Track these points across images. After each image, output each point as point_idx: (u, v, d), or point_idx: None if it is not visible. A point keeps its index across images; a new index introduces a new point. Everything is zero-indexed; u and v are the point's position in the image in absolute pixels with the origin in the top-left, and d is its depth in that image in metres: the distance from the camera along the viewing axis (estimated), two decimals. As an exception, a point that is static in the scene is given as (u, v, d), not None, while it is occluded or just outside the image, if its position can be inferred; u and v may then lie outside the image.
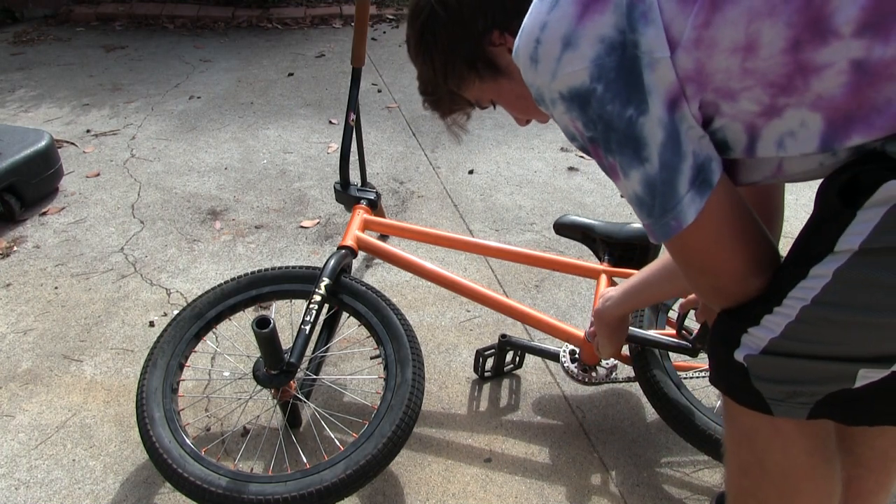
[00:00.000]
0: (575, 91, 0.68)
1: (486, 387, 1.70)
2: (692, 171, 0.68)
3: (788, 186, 2.95)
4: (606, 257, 1.60)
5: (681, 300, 1.34)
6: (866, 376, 0.69)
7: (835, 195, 0.65)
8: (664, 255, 1.16)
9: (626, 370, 1.56)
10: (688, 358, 1.58)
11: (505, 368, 1.72)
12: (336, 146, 2.94)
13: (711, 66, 0.64)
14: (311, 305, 1.42)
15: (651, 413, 1.61)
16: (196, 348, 1.50)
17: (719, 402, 1.63)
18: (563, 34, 0.67)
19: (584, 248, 1.68)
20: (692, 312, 1.31)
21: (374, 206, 1.82)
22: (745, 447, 0.83)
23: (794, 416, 0.75)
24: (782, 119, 0.65)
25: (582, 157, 2.90)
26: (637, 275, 1.20)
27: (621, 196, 2.58)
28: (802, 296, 0.68)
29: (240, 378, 1.69)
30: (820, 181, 0.70)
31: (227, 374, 1.72)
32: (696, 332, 1.30)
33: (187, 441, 1.30)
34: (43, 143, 2.43)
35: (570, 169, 2.80)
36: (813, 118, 0.63)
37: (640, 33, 0.64)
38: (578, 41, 0.66)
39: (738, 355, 0.75)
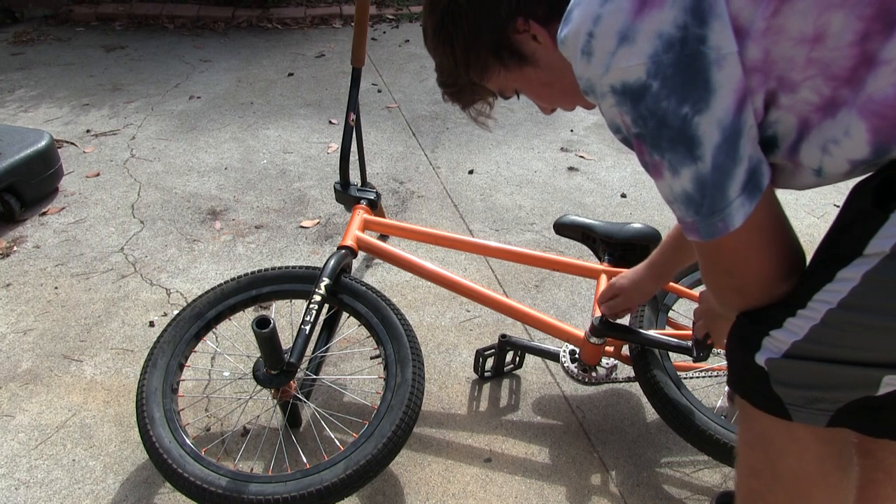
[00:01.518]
0: (628, 86, 0.67)
1: (486, 387, 1.70)
2: (746, 175, 0.67)
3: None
4: (606, 257, 1.60)
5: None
6: (890, 383, 0.68)
7: (867, 197, 0.64)
8: (670, 236, 1.21)
9: (626, 370, 1.56)
10: (688, 358, 1.58)
11: (505, 368, 1.72)
12: (336, 146, 2.94)
13: (776, 54, 0.64)
14: (311, 305, 1.42)
15: (651, 413, 1.61)
16: (196, 348, 1.50)
17: (720, 402, 1.63)
18: (618, 28, 0.65)
19: (584, 248, 1.68)
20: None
21: (374, 206, 1.82)
22: (758, 450, 0.82)
23: (814, 422, 0.74)
24: (835, 120, 0.64)
25: (582, 156, 2.90)
26: (656, 254, 1.27)
27: (616, 201, 2.59)
28: (828, 299, 0.67)
29: (240, 378, 1.69)
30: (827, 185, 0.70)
31: (227, 374, 1.72)
32: (692, 340, 1.29)
33: (187, 441, 1.30)
34: (43, 143, 2.43)
35: (570, 169, 2.80)
36: (858, 126, 0.63)
37: (708, 27, 0.63)
38: (635, 36, 0.65)
39: (760, 359, 0.74)
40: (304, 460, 1.47)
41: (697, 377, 1.61)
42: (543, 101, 0.96)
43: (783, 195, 2.51)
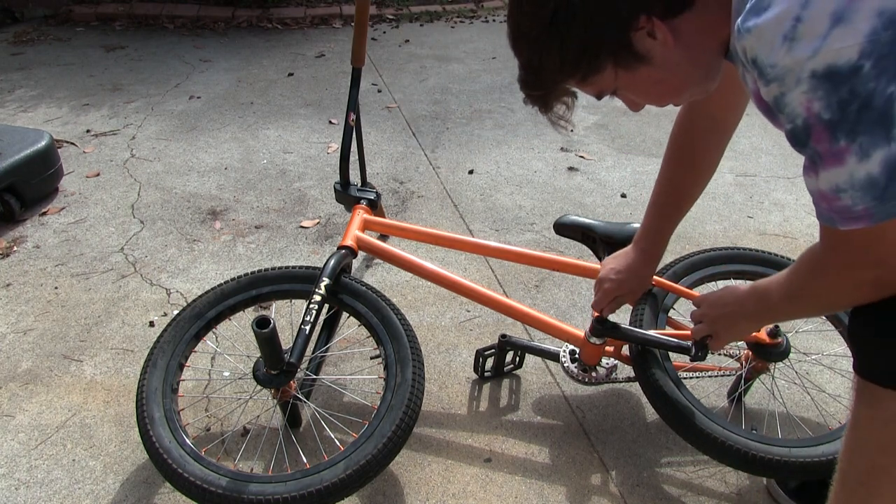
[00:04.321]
0: (834, 69, 0.64)
1: (486, 387, 1.70)
2: None
3: (786, 185, 2.96)
4: (606, 257, 1.60)
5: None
6: None
7: None
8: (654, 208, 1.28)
9: (626, 370, 1.56)
10: (688, 358, 1.58)
11: (505, 368, 1.72)
12: (336, 146, 2.94)
13: None
14: (311, 305, 1.42)
15: (651, 413, 1.61)
16: (196, 348, 1.50)
17: (722, 404, 1.63)
18: (833, 10, 0.63)
19: (584, 248, 1.68)
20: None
21: (374, 206, 1.82)
22: (893, 426, 0.83)
23: None
24: None
25: (582, 156, 2.90)
26: (642, 233, 1.31)
27: (616, 201, 2.58)
28: None
29: (240, 378, 1.69)
30: None
31: (227, 374, 1.72)
32: (692, 342, 1.28)
33: (187, 441, 1.30)
34: (43, 143, 2.43)
35: (570, 169, 2.80)
36: None
37: None
38: (852, 16, 0.62)
39: None
40: (304, 460, 1.47)
41: (697, 377, 1.61)
42: (649, 99, 0.91)
43: (783, 195, 2.49)
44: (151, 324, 1.90)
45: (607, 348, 1.49)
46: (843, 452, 0.91)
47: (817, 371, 1.75)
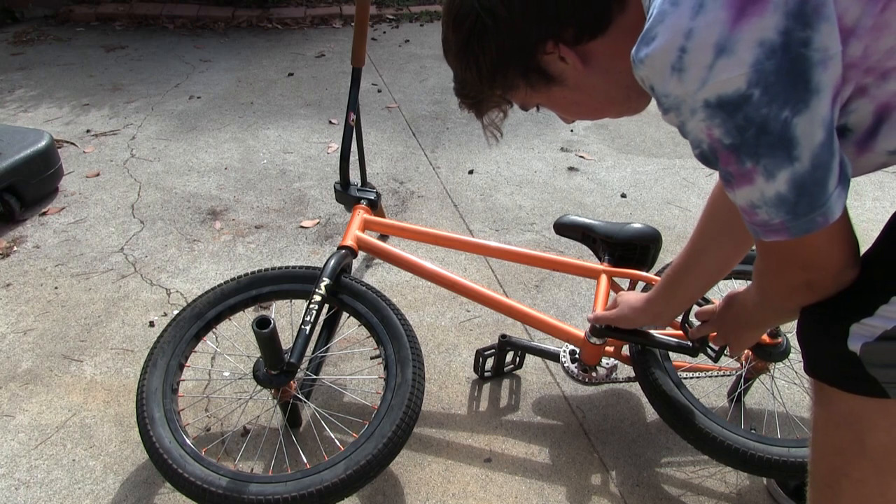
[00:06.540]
0: (726, 98, 0.66)
1: (486, 387, 1.70)
2: (840, 167, 0.69)
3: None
4: (606, 257, 1.60)
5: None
6: None
7: None
8: (689, 252, 1.18)
9: (626, 370, 1.56)
10: (688, 358, 1.58)
11: (505, 368, 1.72)
12: (336, 146, 2.94)
13: (875, 48, 0.64)
14: (311, 305, 1.42)
15: (651, 413, 1.61)
16: (196, 348, 1.50)
17: (722, 404, 1.63)
18: (715, 41, 0.63)
19: (584, 248, 1.68)
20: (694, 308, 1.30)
21: (374, 206, 1.82)
22: (844, 428, 0.84)
23: None
24: None
25: (582, 156, 2.90)
26: (654, 293, 1.26)
27: (616, 201, 2.59)
28: None
29: (240, 378, 1.69)
30: None
31: (227, 374, 1.72)
32: (694, 334, 1.29)
33: (187, 441, 1.30)
34: (43, 143, 2.43)
35: (570, 169, 2.80)
36: None
37: (814, 30, 0.62)
38: (734, 47, 0.63)
39: (853, 345, 0.76)
40: (305, 460, 1.47)
41: (697, 377, 1.61)
42: (571, 116, 0.95)
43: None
44: (151, 324, 1.90)
45: (607, 348, 1.49)
46: (809, 455, 0.92)
47: (817, 371, 1.75)
